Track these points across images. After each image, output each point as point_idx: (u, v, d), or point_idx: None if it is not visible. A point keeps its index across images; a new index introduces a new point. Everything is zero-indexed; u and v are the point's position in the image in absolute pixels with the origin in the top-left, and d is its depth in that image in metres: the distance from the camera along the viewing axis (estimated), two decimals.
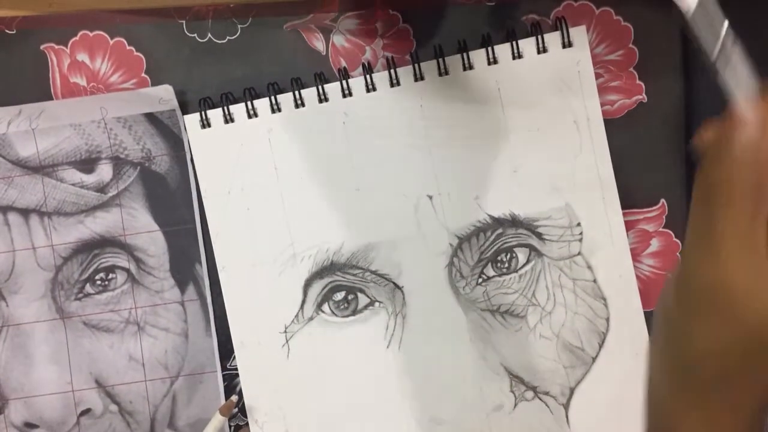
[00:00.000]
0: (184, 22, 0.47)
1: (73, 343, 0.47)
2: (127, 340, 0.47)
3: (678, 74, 0.47)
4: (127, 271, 0.47)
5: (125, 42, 0.48)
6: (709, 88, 0.46)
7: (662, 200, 0.47)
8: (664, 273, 0.47)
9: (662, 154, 0.47)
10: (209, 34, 0.47)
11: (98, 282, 0.47)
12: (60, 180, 0.47)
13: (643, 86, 0.47)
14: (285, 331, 0.46)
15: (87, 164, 0.47)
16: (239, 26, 0.47)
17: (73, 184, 0.47)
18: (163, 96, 0.46)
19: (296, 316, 0.46)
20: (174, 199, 0.47)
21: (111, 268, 0.47)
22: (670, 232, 0.47)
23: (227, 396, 0.47)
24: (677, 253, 0.47)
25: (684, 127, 0.47)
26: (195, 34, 0.48)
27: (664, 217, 0.47)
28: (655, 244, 0.47)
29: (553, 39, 0.45)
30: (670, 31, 0.47)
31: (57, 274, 0.47)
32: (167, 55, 0.48)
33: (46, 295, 0.47)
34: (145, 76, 0.48)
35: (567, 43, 0.45)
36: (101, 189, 0.47)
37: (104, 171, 0.47)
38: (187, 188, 0.47)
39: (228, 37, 0.47)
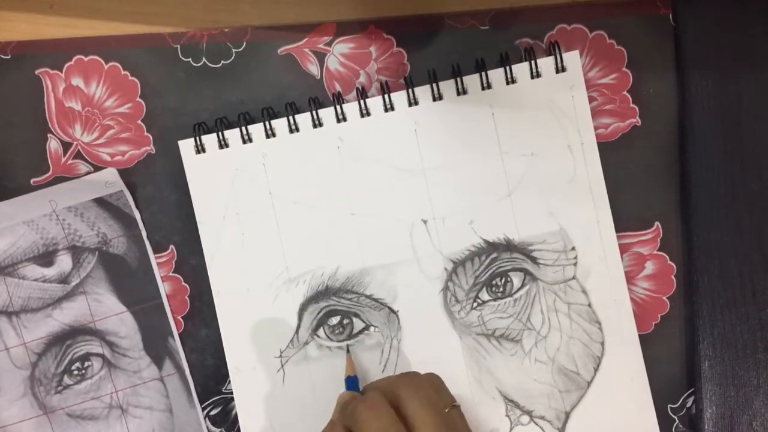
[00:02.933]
0: (178, 46, 0.48)
1: None
2: (113, 425, 0.47)
3: (672, 97, 0.47)
4: (102, 356, 0.47)
5: (120, 67, 0.48)
6: (702, 110, 0.46)
7: (657, 223, 0.47)
8: (659, 296, 0.47)
9: (656, 177, 0.47)
10: (204, 59, 0.48)
11: (75, 372, 0.47)
12: (22, 278, 0.47)
13: (637, 109, 0.47)
14: (280, 356, 0.46)
15: (46, 258, 0.47)
16: (234, 50, 0.48)
17: (35, 280, 0.47)
18: (109, 179, 0.47)
19: (291, 340, 0.46)
20: (136, 278, 0.47)
21: (86, 357, 0.47)
22: (665, 255, 0.47)
23: None
24: (671, 276, 0.47)
25: (678, 150, 0.47)
26: (189, 59, 0.48)
27: (658, 240, 0.47)
28: (649, 267, 0.47)
29: (546, 64, 0.45)
30: (664, 54, 0.47)
31: (34, 370, 0.47)
32: (162, 79, 0.48)
33: (27, 393, 0.47)
34: (140, 100, 0.48)
35: (560, 68, 0.45)
36: (64, 280, 0.47)
37: (64, 262, 0.47)
38: (148, 265, 0.47)
39: (222, 62, 0.48)
